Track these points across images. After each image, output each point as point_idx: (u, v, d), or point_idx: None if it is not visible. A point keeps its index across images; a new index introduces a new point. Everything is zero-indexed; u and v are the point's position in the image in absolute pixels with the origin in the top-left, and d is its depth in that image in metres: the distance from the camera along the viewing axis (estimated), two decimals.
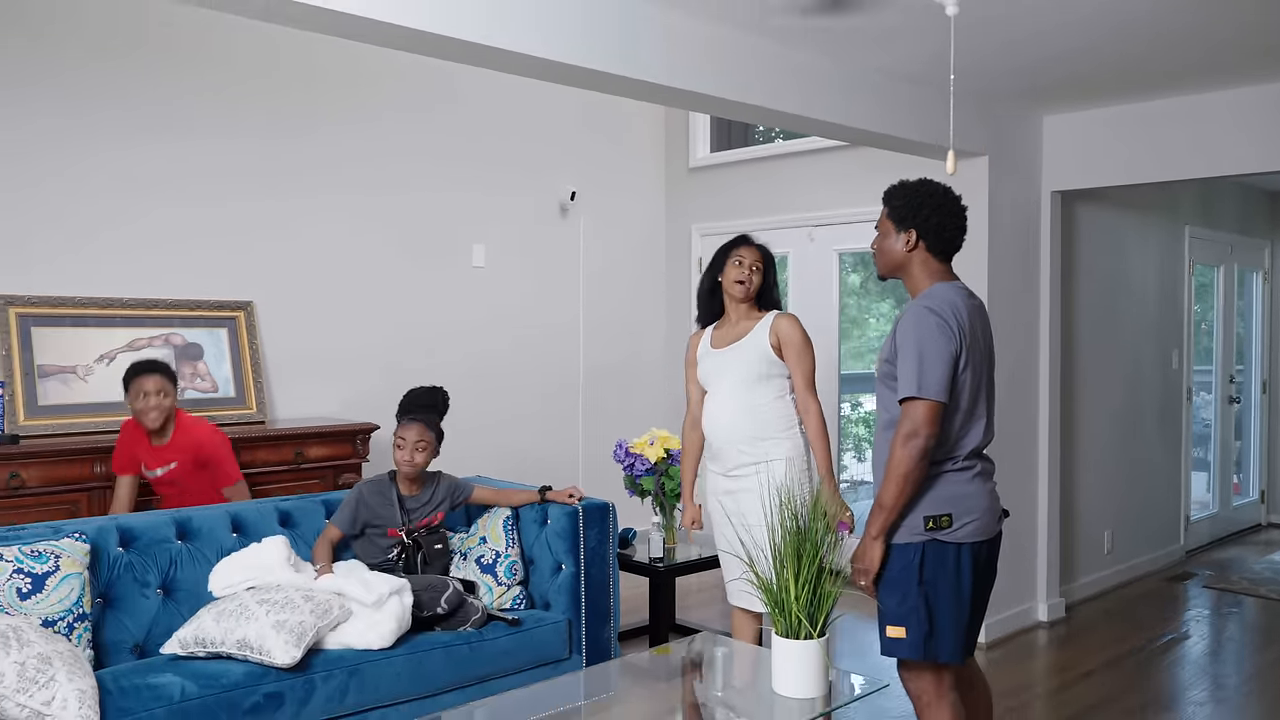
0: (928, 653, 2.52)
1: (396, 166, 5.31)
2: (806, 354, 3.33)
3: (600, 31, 3.19)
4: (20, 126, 4.18)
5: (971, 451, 2.56)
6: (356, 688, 2.95)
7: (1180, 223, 6.44)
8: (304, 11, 2.61)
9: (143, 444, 3.80)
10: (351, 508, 3.45)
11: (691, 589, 5.43)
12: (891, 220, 2.67)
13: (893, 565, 2.55)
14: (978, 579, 2.56)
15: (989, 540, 2.59)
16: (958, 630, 2.53)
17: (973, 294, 2.67)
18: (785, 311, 3.42)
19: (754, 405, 3.31)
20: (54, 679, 2.46)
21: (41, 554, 2.82)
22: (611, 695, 2.95)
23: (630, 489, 4.31)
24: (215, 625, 2.89)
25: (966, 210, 2.68)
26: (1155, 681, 4.30)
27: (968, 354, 2.53)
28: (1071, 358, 5.30)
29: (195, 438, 3.79)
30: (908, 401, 2.50)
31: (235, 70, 4.75)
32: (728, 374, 3.35)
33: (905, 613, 2.52)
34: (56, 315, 4.21)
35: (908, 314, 2.57)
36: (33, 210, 4.22)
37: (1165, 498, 6.30)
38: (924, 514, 2.51)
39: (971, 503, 2.54)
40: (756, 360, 3.31)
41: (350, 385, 5.12)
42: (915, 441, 2.46)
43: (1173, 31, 3.60)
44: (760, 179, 6.15)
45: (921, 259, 2.64)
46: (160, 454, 3.77)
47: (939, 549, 2.51)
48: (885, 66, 4.04)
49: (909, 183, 2.68)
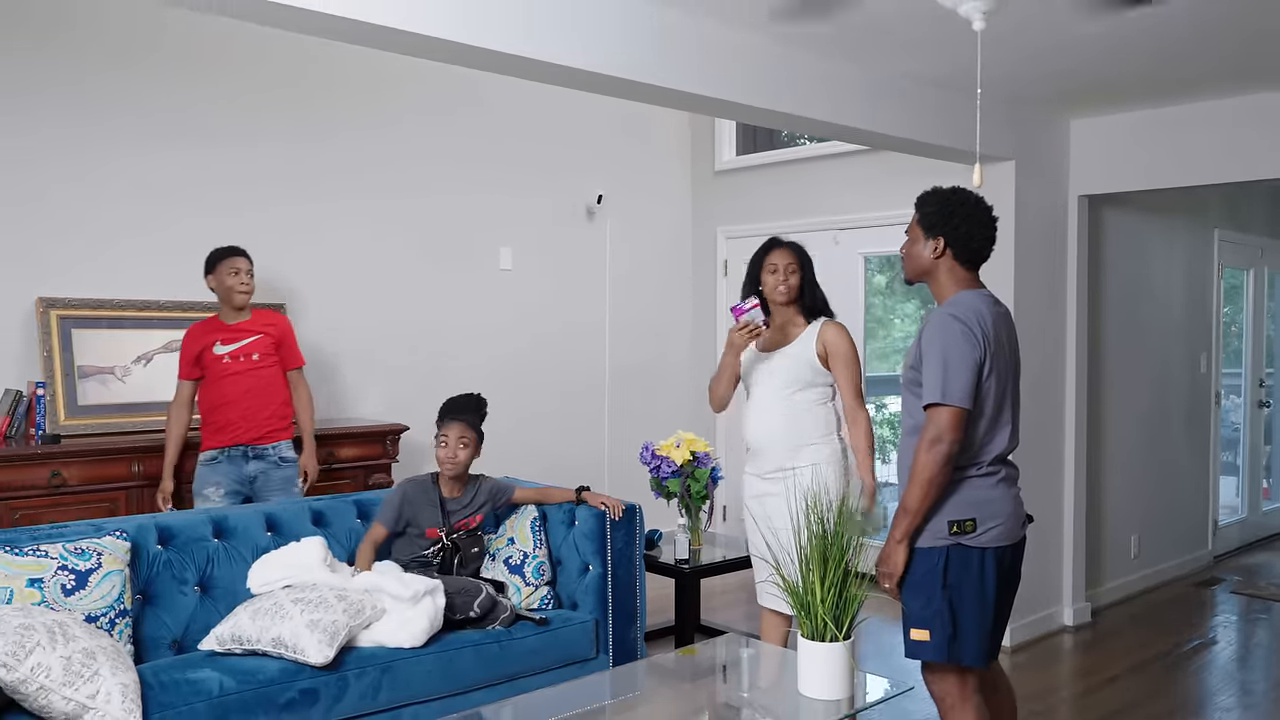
0: (951, 655, 2.55)
1: (423, 170, 5.38)
2: (853, 364, 3.32)
3: (632, 40, 3.23)
4: (62, 132, 4.27)
5: (996, 457, 2.59)
6: (389, 685, 3.01)
7: (1209, 226, 6.41)
8: (338, 24, 2.67)
9: (218, 328, 4.04)
10: (395, 505, 3.48)
11: (716, 590, 5.46)
12: (921, 226, 2.69)
13: (917, 569, 2.57)
14: (1002, 583, 2.59)
15: (1013, 545, 2.61)
16: (982, 634, 2.55)
17: (998, 301, 2.70)
18: (833, 319, 3.40)
19: (795, 412, 3.32)
20: (98, 673, 2.53)
21: (85, 551, 2.90)
22: (638, 695, 3.00)
23: (656, 491, 4.35)
24: (251, 623, 2.96)
25: (997, 221, 2.70)
26: (1182, 687, 4.29)
27: (992, 361, 2.55)
28: (1098, 361, 5.28)
29: (272, 317, 4.20)
30: (932, 407, 2.53)
31: (264, 76, 4.83)
32: (772, 379, 3.36)
33: (929, 616, 2.55)
34: (95, 317, 4.30)
35: (933, 321, 2.60)
36: (73, 213, 4.31)
37: (1193, 502, 6.27)
38: (948, 518, 2.54)
39: (996, 508, 2.56)
40: (802, 368, 3.31)
41: (379, 387, 5.20)
42: (939, 447, 2.49)
43: (1201, 36, 3.60)
44: (785, 182, 6.17)
45: (948, 266, 2.67)
46: (242, 329, 4.07)
47: (963, 553, 2.54)
48: (912, 72, 4.06)
49: (941, 190, 2.71)
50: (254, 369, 4.06)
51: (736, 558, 4.30)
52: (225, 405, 4.01)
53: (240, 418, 4.01)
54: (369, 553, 3.40)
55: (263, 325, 4.13)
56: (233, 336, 4.05)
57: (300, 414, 4.22)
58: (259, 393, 4.05)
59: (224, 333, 4.05)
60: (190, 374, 4.02)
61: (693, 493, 4.27)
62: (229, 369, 4.02)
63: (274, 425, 4.10)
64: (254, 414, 4.04)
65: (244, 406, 4.02)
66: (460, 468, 3.54)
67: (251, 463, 4.05)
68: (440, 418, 3.59)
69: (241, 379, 4.02)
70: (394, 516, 3.48)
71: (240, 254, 4.09)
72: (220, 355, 4.02)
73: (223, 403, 4.01)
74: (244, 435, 4.03)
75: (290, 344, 4.21)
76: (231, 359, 4.03)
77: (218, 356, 4.02)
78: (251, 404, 4.03)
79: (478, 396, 3.67)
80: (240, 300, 4.06)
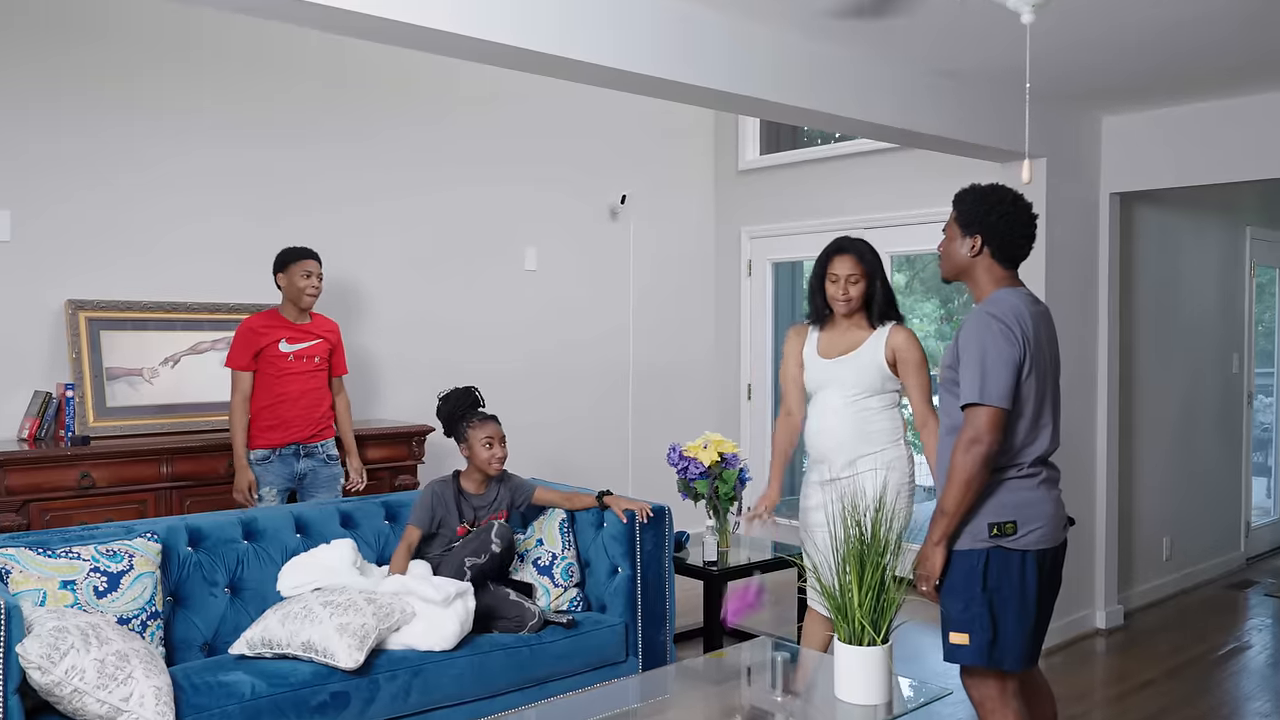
0: (992, 659, 2.51)
1: (447, 171, 5.37)
2: (924, 370, 3.20)
3: (665, 39, 3.21)
4: (86, 135, 4.28)
5: (1037, 458, 2.54)
6: (419, 688, 2.99)
7: (1241, 223, 6.32)
8: (377, 25, 2.66)
9: (283, 325, 4.11)
10: (428, 505, 3.48)
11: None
12: (958, 224, 2.65)
13: (955, 571, 2.54)
14: (1043, 587, 2.54)
15: (1054, 548, 2.57)
16: (1023, 638, 2.51)
17: (1038, 300, 2.65)
18: (901, 324, 3.26)
19: (863, 418, 3.21)
20: (132, 675, 2.53)
21: (116, 553, 2.90)
22: (669, 699, 2.96)
23: (684, 492, 4.32)
24: (281, 627, 2.95)
25: (1037, 219, 2.65)
26: (1218, 692, 4.22)
27: (1031, 360, 2.51)
28: (1130, 361, 5.22)
29: (330, 324, 4.29)
30: (970, 408, 2.49)
31: (293, 76, 4.83)
32: (838, 386, 3.24)
33: (969, 619, 2.51)
34: (123, 319, 4.31)
35: (970, 320, 2.56)
36: (101, 216, 4.32)
37: (1225, 504, 6.18)
38: (988, 520, 2.50)
39: (1036, 510, 2.52)
40: (870, 374, 3.20)
41: (405, 388, 5.19)
42: (978, 448, 2.46)
43: (1235, 30, 3.54)
44: (809, 181, 6.13)
45: (986, 265, 2.63)
46: (307, 331, 4.16)
47: (1003, 556, 2.50)
48: (944, 68, 4.02)
49: (979, 187, 2.66)
50: (314, 371, 4.15)
51: (762, 560, 4.27)
52: (284, 403, 4.05)
53: (297, 417, 4.08)
54: (404, 556, 3.38)
55: (324, 330, 4.23)
56: (299, 336, 4.12)
57: (342, 421, 4.31)
58: (315, 394, 4.14)
59: (290, 330, 4.10)
60: (249, 366, 4.03)
61: (720, 494, 4.24)
62: (292, 368, 4.08)
63: (324, 424, 4.19)
64: (310, 413, 4.12)
65: (303, 406, 4.09)
66: (504, 463, 3.57)
67: (302, 460, 4.11)
68: (469, 418, 3.57)
69: (302, 379, 4.10)
70: (428, 517, 3.47)
71: (313, 256, 4.15)
72: (285, 353, 4.07)
73: (282, 401, 4.05)
74: (300, 434, 4.09)
75: (341, 352, 4.32)
76: (296, 359, 4.09)
77: (283, 354, 4.06)
78: (309, 404, 4.11)
79: (475, 389, 3.69)
80: (308, 303, 4.13)
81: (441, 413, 3.62)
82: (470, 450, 3.54)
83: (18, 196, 4.13)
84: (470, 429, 3.55)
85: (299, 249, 4.16)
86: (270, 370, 4.05)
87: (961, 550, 2.53)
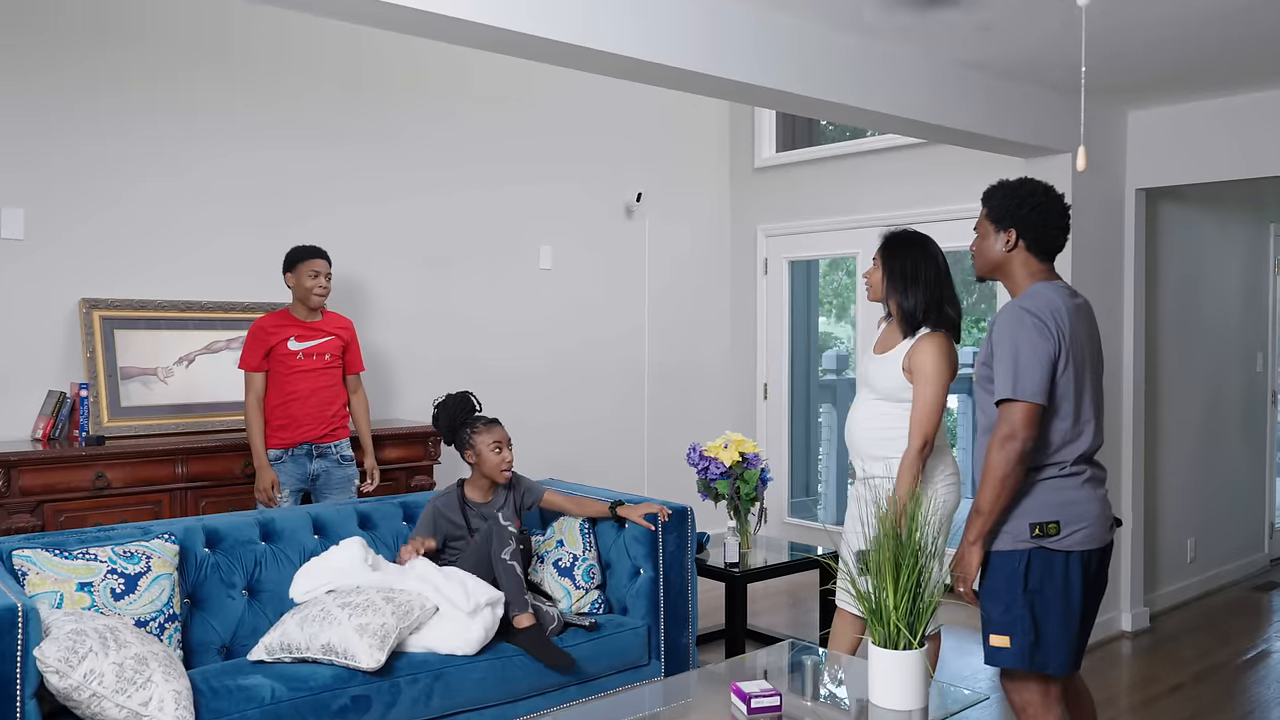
0: (1034, 663, 2.45)
1: (463, 168, 5.32)
2: (931, 384, 2.96)
3: (690, 30, 3.15)
4: (99, 135, 4.24)
5: (1080, 456, 2.48)
6: (441, 692, 2.94)
7: (1265, 220, 6.24)
8: (396, 14, 2.61)
9: (293, 323, 4.07)
10: (429, 523, 3.39)
11: (758, 594, 5.36)
12: (990, 220, 2.60)
13: (996, 573, 2.47)
14: (1087, 588, 2.48)
15: (1100, 549, 2.50)
16: (1067, 641, 2.45)
17: (1076, 293, 2.59)
18: (932, 334, 3.04)
19: (880, 422, 3.11)
20: (151, 679, 2.48)
21: (134, 555, 2.85)
22: (694, 704, 2.90)
23: (704, 492, 4.26)
24: (299, 631, 2.89)
25: (1069, 209, 2.59)
26: (1246, 697, 4.15)
27: (1068, 355, 2.45)
28: (1154, 360, 5.14)
29: (343, 321, 4.24)
30: (1004, 404, 2.43)
31: (305, 74, 4.78)
32: (869, 385, 3.16)
33: (1010, 621, 2.45)
34: (137, 318, 4.26)
35: (1004, 315, 2.50)
36: (114, 215, 4.28)
37: (1249, 505, 6.10)
38: (1030, 520, 2.44)
39: (1081, 509, 2.46)
40: (890, 381, 3.08)
41: (420, 387, 5.14)
42: (1012, 444, 2.40)
43: (1263, 25, 3.47)
44: (826, 178, 6.07)
45: (1022, 259, 2.57)
46: (317, 328, 4.10)
47: (1046, 557, 2.44)
48: (973, 61, 3.95)
49: (1008, 182, 2.60)
50: (325, 368, 4.10)
51: (783, 562, 4.21)
52: (294, 402, 4.02)
53: (309, 415, 4.04)
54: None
55: (335, 327, 4.18)
56: (308, 334, 4.08)
57: (360, 419, 4.27)
58: (326, 392, 4.09)
59: (299, 329, 4.07)
60: (260, 366, 4.00)
61: (742, 495, 4.18)
62: (301, 365, 4.03)
63: (338, 424, 4.14)
64: (321, 411, 4.08)
65: (314, 404, 4.05)
66: (511, 468, 3.48)
67: (315, 461, 4.07)
68: (472, 424, 3.46)
69: (312, 377, 4.06)
70: (430, 532, 3.38)
71: (321, 255, 4.10)
72: (295, 351, 4.03)
73: (292, 399, 4.02)
74: (311, 433, 4.05)
75: (356, 349, 4.27)
76: (305, 356, 4.05)
77: (292, 352, 4.03)
78: (320, 402, 4.07)
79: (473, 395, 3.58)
80: (317, 302, 4.09)
81: (440, 421, 3.51)
82: (478, 457, 3.44)
83: (32, 194, 4.09)
84: (476, 435, 3.45)
85: (306, 248, 4.11)
86: (280, 369, 4.02)
87: (1002, 551, 2.47)
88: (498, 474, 3.43)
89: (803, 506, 6.68)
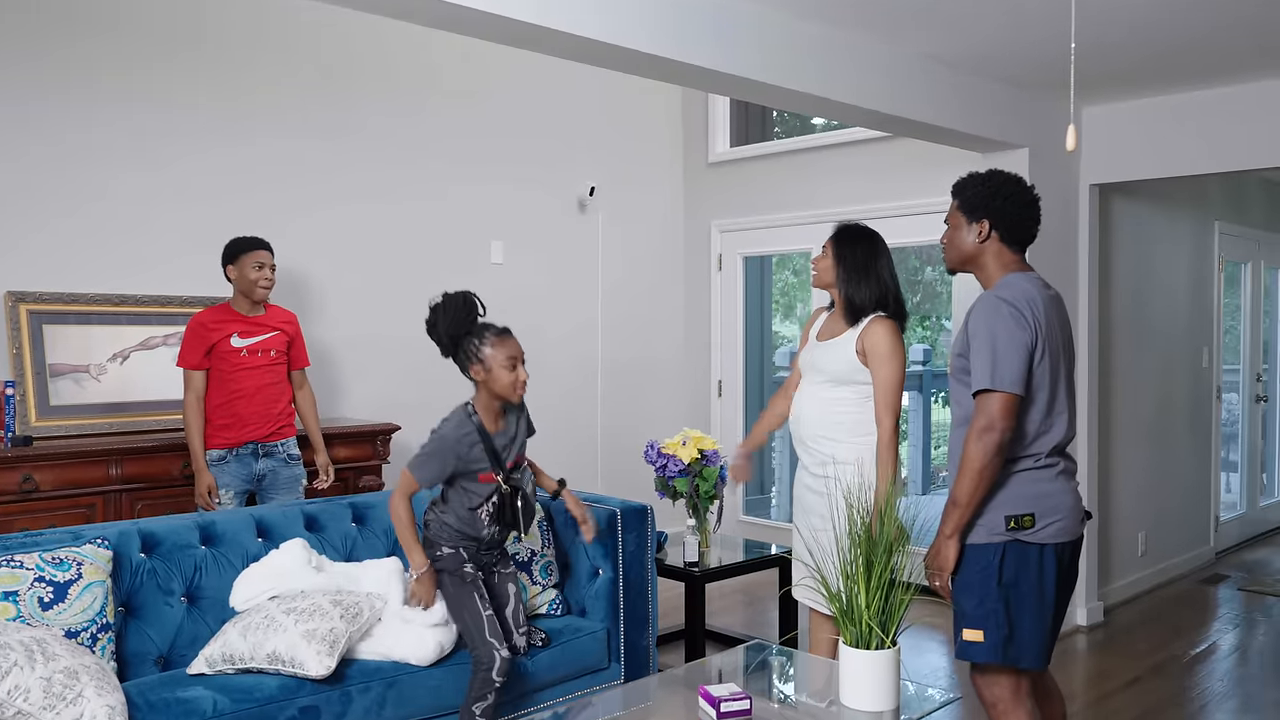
0: (1008, 657, 2.40)
1: (412, 164, 5.17)
2: (887, 364, 2.98)
3: (649, 12, 3.06)
4: (23, 122, 4.02)
5: (1054, 448, 2.44)
6: (394, 700, 2.81)
7: (1211, 218, 6.33)
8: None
9: (235, 319, 3.87)
10: (441, 461, 2.87)
11: (713, 594, 5.29)
12: (963, 212, 2.57)
13: (970, 566, 2.42)
14: (1061, 582, 2.44)
15: (1073, 542, 2.46)
16: (1041, 634, 2.40)
17: (1049, 285, 2.56)
18: (881, 317, 3.05)
19: (832, 408, 3.07)
20: (82, 694, 2.32)
21: (63, 561, 2.68)
22: (656, 707, 2.81)
23: (661, 490, 4.17)
24: (242, 640, 2.74)
25: (1039, 200, 2.56)
26: (1201, 690, 4.17)
27: (1044, 345, 2.42)
28: (1107, 355, 5.17)
29: (287, 315, 4.05)
30: (982, 394, 2.38)
31: (250, 67, 4.60)
32: (818, 371, 3.13)
33: (983, 615, 2.40)
34: (67, 313, 4.06)
35: (980, 305, 2.46)
36: (41, 204, 4.07)
37: (1196, 498, 6.18)
38: (1005, 513, 2.39)
39: (1055, 501, 2.42)
40: (842, 364, 3.05)
41: (368, 385, 4.98)
42: (990, 436, 2.35)
43: (1218, 20, 3.48)
44: (781, 173, 6.02)
45: (995, 250, 2.55)
46: (260, 323, 3.92)
47: (1020, 550, 2.39)
48: (937, 54, 3.92)
49: (978, 174, 2.59)
50: (270, 365, 3.92)
51: (743, 560, 4.14)
52: (239, 400, 3.83)
53: (254, 414, 3.86)
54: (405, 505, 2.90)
55: (279, 322, 4.00)
56: (252, 330, 3.89)
57: (307, 416, 4.10)
58: (271, 389, 3.91)
59: (242, 324, 3.88)
60: (201, 364, 3.81)
61: (701, 492, 4.10)
62: (245, 363, 3.85)
63: (284, 421, 3.97)
64: (267, 410, 3.90)
65: (259, 402, 3.87)
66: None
67: (261, 460, 3.89)
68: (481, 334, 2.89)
69: (257, 374, 3.87)
70: (438, 473, 2.89)
71: (264, 246, 3.92)
72: (238, 348, 3.85)
73: (237, 398, 3.83)
74: (257, 432, 3.87)
75: (301, 344, 4.09)
76: (250, 353, 3.87)
77: (235, 349, 3.84)
78: (265, 399, 3.89)
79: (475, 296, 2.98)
80: (262, 295, 3.90)
81: (439, 328, 2.89)
82: (489, 374, 2.87)
83: None
84: (488, 347, 2.87)
85: (249, 239, 3.91)
86: (223, 367, 3.83)
87: (977, 544, 2.41)
88: (511, 394, 2.90)
89: (757, 504, 6.63)
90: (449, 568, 2.95)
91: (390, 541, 3.44)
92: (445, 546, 2.96)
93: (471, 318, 2.91)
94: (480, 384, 2.93)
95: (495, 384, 2.89)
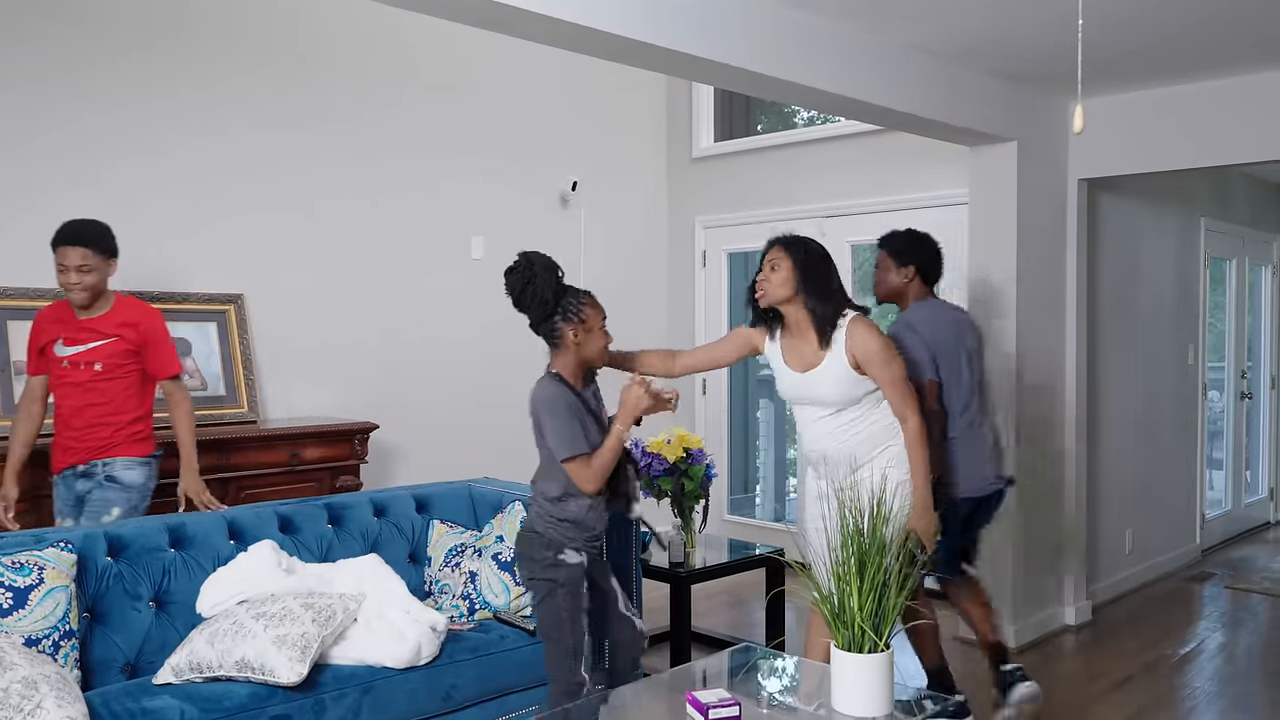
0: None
1: (392, 157, 5.07)
2: (889, 361, 2.88)
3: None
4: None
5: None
6: (370, 707, 2.72)
7: (1196, 214, 6.30)
8: None
9: (65, 322, 3.28)
10: (578, 421, 2.69)
11: (698, 595, 5.20)
12: (893, 259, 3.46)
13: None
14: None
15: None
16: None
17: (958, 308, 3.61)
18: (856, 317, 2.91)
19: (852, 429, 2.94)
20: (41, 705, 2.21)
21: (24, 565, 2.57)
22: (643, 711, 2.73)
23: (646, 489, 4.08)
24: (210, 648, 2.63)
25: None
26: (1191, 689, 4.12)
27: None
28: (1095, 352, 5.12)
29: (136, 314, 3.35)
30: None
31: (227, 57, 4.49)
32: (820, 404, 2.96)
33: None
34: (32, 308, 3.92)
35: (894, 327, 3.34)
36: (6, 197, 3.94)
37: (1182, 496, 6.15)
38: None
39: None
40: (843, 387, 2.90)
41: (346, 383, 4.87)
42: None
43: (1201, 14, 3.44)
44: (766, 168, 5.95)
45: (915, 288, 3.47)
46: (89, 328, 3.27)
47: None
48: (922, 44, 3.84)
49: (901, 231, 3.50)
50: (94, 381, 3.27)
51: (730, 561, 4.07)
52: (59, 419, 3.34)
53: (71, 439, 3.31)
54: (596, 462, 2.69)
55: (118, 325, 3.30)
56: (78, 336, 3.28)
57: (178, 431, 3.43)
58: (92, 411, 3.28)
59: (70, 329, 3.29)
60: (37, 369, 3.35)
61: (687, 492, 4.02)
62: (66, 376, 3.29)
63: (117, 440, 3.33)
64: (81, 440, 3.30)
65: (77, 427, 3.29)
66: None
67: (80, 481, 3.36)
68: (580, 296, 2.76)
69: (77, 392, 3.28)
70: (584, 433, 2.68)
71: (73, 241, 3.20)
72: (60, 358, 3.30)
73: (58, 416, 3.34)
74: (76, 457, 3.32)
75: (156, 349, 3.37)
76: (71, 365, 3.28)
77: (58, 358, 3.30)
78: (84, 424, 3.29)
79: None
80: (78, 299, 3.25)
81: (535, 290, 2.71)
82: (584, 336, 2.72)
83: None
84: (588, 308, 2.73)
85: (60, 230, 3.23)
86: (52, 377, 3.32)
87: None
88: (600, 359, 2.79)
89: (742, 503, 6.55)
90: (572, 585, 2.70)
91: (366, 544, 3.35)
92: (570, 550, 2.72)
93: (561, 275, 2.76)
94: (565, 348, 2.75)
95: (590, 346, 2.74)
